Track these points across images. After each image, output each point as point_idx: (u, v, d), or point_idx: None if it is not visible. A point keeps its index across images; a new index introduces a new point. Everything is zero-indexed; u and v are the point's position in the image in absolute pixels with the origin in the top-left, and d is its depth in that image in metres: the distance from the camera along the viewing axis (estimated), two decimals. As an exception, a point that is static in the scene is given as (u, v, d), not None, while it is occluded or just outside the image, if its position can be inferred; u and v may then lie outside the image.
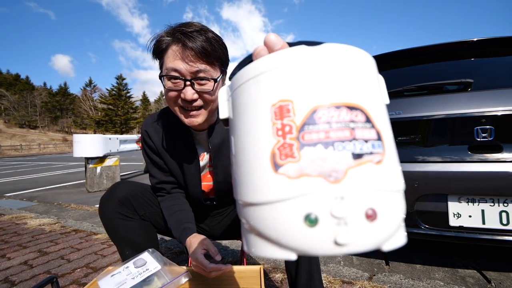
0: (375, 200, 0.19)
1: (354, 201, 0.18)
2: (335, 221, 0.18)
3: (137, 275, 0.64)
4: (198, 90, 0.65)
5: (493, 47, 1.42)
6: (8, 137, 42.44)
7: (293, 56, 0.21)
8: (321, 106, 0.20)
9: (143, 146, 0.88)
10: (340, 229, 0.18)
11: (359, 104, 0.20)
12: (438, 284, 1.20)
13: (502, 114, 1.11)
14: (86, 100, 57.63)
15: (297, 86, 0.20)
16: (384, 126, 0.22)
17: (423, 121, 1.23)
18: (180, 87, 0.65)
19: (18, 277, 1.39)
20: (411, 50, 1.53)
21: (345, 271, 1.34)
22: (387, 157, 0.21)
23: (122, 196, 0.81)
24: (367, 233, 0.19)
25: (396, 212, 0.20)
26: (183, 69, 0.63)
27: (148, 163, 0.88)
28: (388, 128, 0.23)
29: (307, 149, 0.19)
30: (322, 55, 0.21)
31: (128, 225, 0.81)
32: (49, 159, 15.13)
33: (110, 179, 4.39)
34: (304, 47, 0.21)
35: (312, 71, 0.21)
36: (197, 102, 0.67)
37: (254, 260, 1.54)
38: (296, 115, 0.20)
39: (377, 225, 0.19)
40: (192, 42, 0.62)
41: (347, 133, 0.19)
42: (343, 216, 0.18)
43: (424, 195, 1.17)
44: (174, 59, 0.63)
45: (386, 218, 0.19)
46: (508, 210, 1.07)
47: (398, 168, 0.22)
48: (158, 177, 0.87)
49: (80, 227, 2.28)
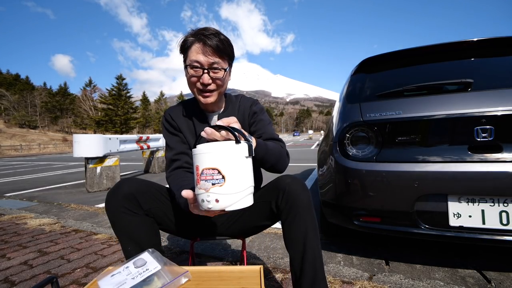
0: (218, 196, 0.58)
1: (212, 196, 0.58)
2: (210, 200, 0.59)
3: (137, 275, 0.64)
4: (213, 77, 0.87)
5: (493, 47, 1.42)
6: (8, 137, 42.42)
7: (200, 150, 0.60)
8: (204, 168, 0.59)
9: (164, 127, 1.03)
10: (213, 203, 0.59)
11: (217, 166, 0.58)
12: (438, 284, 1.20)
13: (502, 114, 1.11)
14: (86, 100, 57.54)
15: (203, 160, 0.59)
16: (228, 172, 0.58)
17: (423, 121, 1.23)
18: (199, 74, 0.87)
19: (18, 277, 1.40)
20: (411, 50, 1.53)
21: (345, 271, 1.34)
22: (227, 183, 0.58)
23: (128, 191, 0.83)
24: (217, 205, 0.58)
25: (230, 199, 0.59)
26: (203, 61, 0.85)
27: (168, 137, 1.02)
28: (232, 171, 0.58)
29: (201, 181, 0.59)
30: (211, 148, 0.59)
31: (132, 220, 0.83)
32: (49, 159, 15.13)
33: (110, 179, 4.39)
34: (207, 144, 0.60)
35: (207, 154, 0.59)
36: (211, 86, 0.89)
37: (254, 260, 1.54)
38: (199, 170, 0.59)
39: (220, 204, 0.58)
40: (210, 41, 0.83)
41: (210, 175, 0.58)
42: (211, 200, 0.58)
43: (424, 195, 1.17)
44: (196, 54, 0.85)
45: (224, 202, 0.58)
46: (508, 210, 1.07)
47: (234, 186, 0.58)
48: (176, 148, 0.99)
49: (80, 227, 2.28)
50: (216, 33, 0.86)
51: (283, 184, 0.82)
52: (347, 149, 1.37)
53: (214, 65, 0.85)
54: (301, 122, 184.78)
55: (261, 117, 1.03)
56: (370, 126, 1.32)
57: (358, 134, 1.36)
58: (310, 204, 0.79)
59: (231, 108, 1.02)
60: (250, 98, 1.08)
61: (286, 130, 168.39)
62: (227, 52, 0.88)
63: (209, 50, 0.84)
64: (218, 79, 0.88)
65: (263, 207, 0.89)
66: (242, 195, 0.60)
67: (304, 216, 0.78)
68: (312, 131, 46.76)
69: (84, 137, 4.06)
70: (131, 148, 5.20)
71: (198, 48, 0.85)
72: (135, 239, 0.83)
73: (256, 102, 1.07)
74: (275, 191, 0.84)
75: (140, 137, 5.48)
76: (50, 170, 8.60)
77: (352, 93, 1.56)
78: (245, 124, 1.02)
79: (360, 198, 1.29)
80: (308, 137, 39.13)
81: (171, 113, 1.02)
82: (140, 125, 57.31)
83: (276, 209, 0.84)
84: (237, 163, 0.59)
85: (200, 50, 0.84)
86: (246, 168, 0.61)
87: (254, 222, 0.93)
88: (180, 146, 0.99)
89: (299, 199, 0.78)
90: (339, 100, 1.70)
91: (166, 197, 0.94)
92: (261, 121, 1.02)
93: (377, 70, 1.61)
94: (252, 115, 1.02)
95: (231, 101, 1.04)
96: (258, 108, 1.04)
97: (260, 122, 1.01)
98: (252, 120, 1.02)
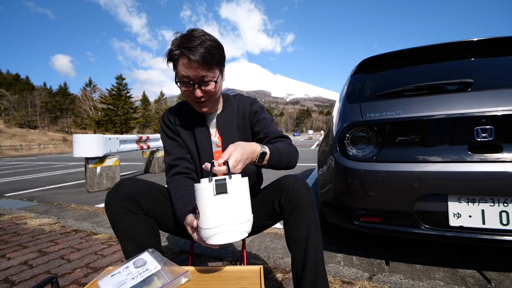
0: (199, 228, 0.69)
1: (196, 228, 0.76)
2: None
3: (137, 275, 0.64)
4: (204, 89, 0.87)
5: (493, 47, 1.42)
6: (8, 137, 42.41)
7: (198, 188, 0.65)
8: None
9: (163, 130, 1.02)
10: (195, 234, 0.77)
11: (196, 202, 0.67)
12: (438, 284, 1.20)
13: (502, 114, 1.11)
14: (86, 100, 57.52)
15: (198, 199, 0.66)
16: (199, 208, 0.65)
17: (423, 121, 1.23)
18: (191, 88, 0.86)
19: (18, 277, 1.39)
20: (411, 50, 1.53)
21: (345, 271, 1.34)
22: (200, 218, 0.66)
23: (127, 191, 0.83)
24: (196, 236, 0.76)
25: (204, 233, 0.66)
26: (191, 76, 0.83)
27: (167, 141, 1.01)
28: (202, 208, 0.64)
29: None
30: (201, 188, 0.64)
31: (132, 220, 0.83)
32: (49, 159, 15.13)
33: (110, 179, 4.39)
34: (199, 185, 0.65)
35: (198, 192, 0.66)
36: (204, 97, 0.89)
37: (254, 260, 1.54)
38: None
39: (199, 235, 0.72)
40: (195, 55, 0.79)
41: (196, 209, 0.71)
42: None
43: (424, 195, 1.17)
44: (184, 68, 0.82)
45: (201, 234, 0.67)
46: (508, 210, 1.07)
47: (205, 221, 0.64)
48: (174, 153, 0.98)
49: (80, 227, 2.28)
50: (201, 41, 0.80)
51: (286, 184, 0.82)
52: (347, 149, 1.37)
53: (204, 78, 0.84)
54: (301, 122, 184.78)
55: (263, 116, 1.03)
56: (370, 126, 1.32)
57: (358, 134, 1.36)
58: (313, 203, 0.79)
59: (229, 109, 1.02)
60: (248, 97, 1.08)
61: (286, 130, 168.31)
62: (216, 60, 0.84)
63: (196, 65, 0.80)
64: (209, 91, 0.88)
65: (266, 206, 0.89)
66: (216, 230, 0.64)
67: (307, 215, 0.78)
68: (312, 131, 46.77)
69: (84, 137, 4.06)
70: (131, 148, 5.20)
71: (184, 64, 0.82)
72: (135, 239, 0.83)
73: (256, 101, 1.06)
74: (278, 191, 0.84)
75: (140, 137, 5.48)
76: (50, 170, 8.60)
77: (352, 93, 1.56)
78: (247, 124, 1.02)
79: (360, 198, 1.29)
80: (308, 137, 39.14)
81: (169, 117, 1.02)
82: (140, 125, 57.28)
83: (279, 208, 0.84)
84: (206, 201, 0.63)
85: (187, 65, 0.81)
86: (216, 206, 0.63)
87: (256, 222, 0.93)
88: (178, 151, 0.99)
89: (302, 198, 0.78)
90: (339, 100, 1.70)
91: (166, 197, 0.94)
92: (264, 120, 1.02)
93: (377, 70, 1.61)
94: (253, 114, 1.02)
95: (229, 101, 1.04)
96: (259, 107, 1.04)
97: (263, 121, 1.01)
98: (254, 120, 1.02)
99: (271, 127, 1.01)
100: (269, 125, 1.01)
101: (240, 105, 1.03)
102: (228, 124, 1.00)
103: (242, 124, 1.02)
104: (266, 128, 1.00)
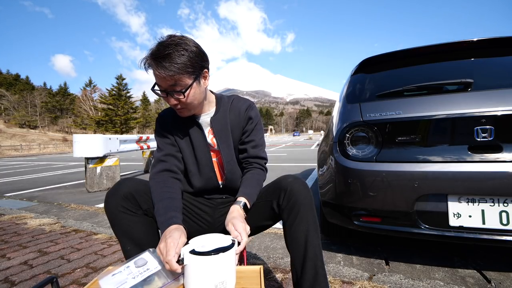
0: None
1: None
2: None
3: (138, 274, 0.64)
4: (176, 98, 0.85)
5: (493, 47, 1.42)
6: (8, 137, 42.41)
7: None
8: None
9: (157, 128, 1.03)
10: None
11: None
12: (438, 284, 1.20)
13: (502, 114, 1.11)
14: (86, 100, 57.46)
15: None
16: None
17: (423, 121, 1.23)
18: (165, 96, 0.86)
19: (18, 277, 1.40)
20: (411, 50, 1.53)
21: (345, 271, 1.34)
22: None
23: (127, 191, 0.83)
24: None
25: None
26: (162, 85, 0.83)
27: (159, 139, 1.01)
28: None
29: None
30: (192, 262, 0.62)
31: (130, 219, 0.83)
32: (49, 159, 15.13)
33: (110, 179, 4.39)
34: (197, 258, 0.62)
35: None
36: (180, 105, 0.88)
37: (254, 260, 1.54)
38: None
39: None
40: (161, 65, 0.77)
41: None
42: None
43: (424, 195, 1.17)
44: (156, 77, 0.82)
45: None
46: (508, 210, 1.07)
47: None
48: (165, 149, 0.98)
49: (80, 227, 2.28)
50: (168, 53, 0.77)
51: (285, 184, 0.82)
52: (347, 149, 1.37)
53: (174, 88, 0.82)
54: (301, 122, 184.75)
55: (257, 126, 1.02)
56: (370, 126, 1.32)
57: (358, 134, 1.36)
58: (311, 203, 0.80)
59: (222, 111, 1.01)
60: (245, 100, 1.06)
61: (286, 130, 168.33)
62: (187, 67, 0.80)
63: (164, 75, 0.78)
64: (182, 100, 0.85)
65: (265, 207, 0.89)
66: None
67: (306, 215, 0.78)
68: (312, 131, 46.73)
69: (84, 137, 4.06)
70: (131, 148, 5.20)
71: (155, 73, 0.81)
72: (134, 238, 0.83)
73: (253, 106, 1.04)
74: (277, 191, 0.85)
75: (140, 137, 5.48)
76: (50, 170, 8.60)
77: (352, 93, 1.56)
78: (239, 127, 1.01)
79: (360, 198, 1.29)
80: (308, 137, 39.11)
81: (164, 117, 1.03)
82: (140, 125, 57.28)
83: (278, 208, 0.84)
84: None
85: (156, 75, 0.80)
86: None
87: (255, 222, 0.93)
88: (169, 148, 0.99)
89: (301, 198, 0.79)
90: (339, 100, 1.70)
91: None
92: (253, 131, 1.02)
93: (377, 70, 1.62)
94: (247, 120, 1.01)
95: (222, 103, 1.02)
96: (254, 114, 1.02)
97: (252, 133, 1.01)
98: (247, 127, 1.01)
99: (256, 142, 1.02)
100: (255, 140, 1.01)
101: (234, 107, 1.02)
102: (222, 126, 1.00)
103: (235, 125, 1.01)
104: (252, 142, 1.01)
